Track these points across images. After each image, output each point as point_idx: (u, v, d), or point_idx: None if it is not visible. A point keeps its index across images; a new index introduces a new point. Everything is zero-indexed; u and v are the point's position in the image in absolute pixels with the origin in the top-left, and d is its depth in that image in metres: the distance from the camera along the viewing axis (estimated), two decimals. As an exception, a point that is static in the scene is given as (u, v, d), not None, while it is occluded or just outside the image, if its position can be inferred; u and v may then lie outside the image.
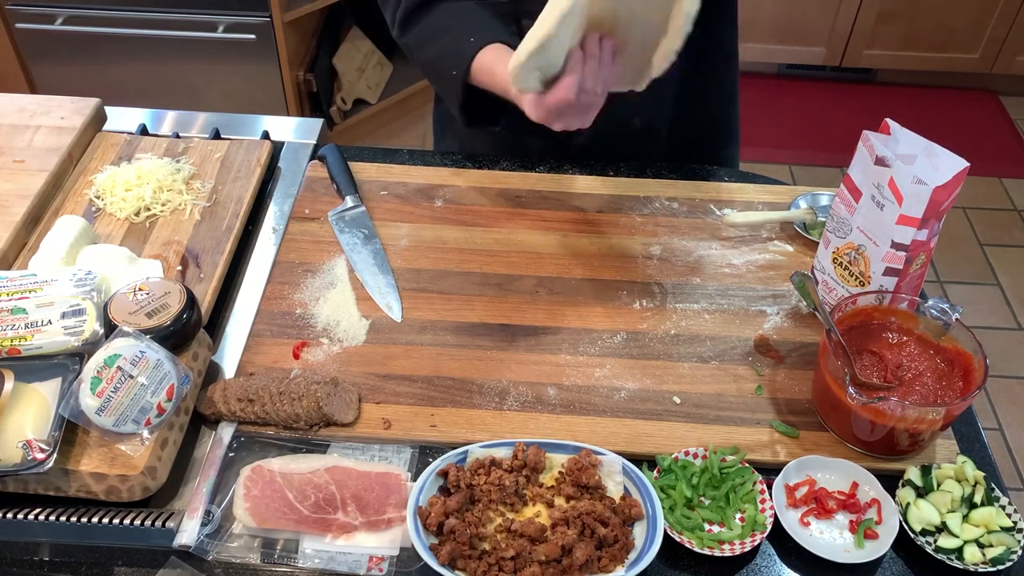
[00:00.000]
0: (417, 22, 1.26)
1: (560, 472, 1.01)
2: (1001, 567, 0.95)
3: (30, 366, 1.01)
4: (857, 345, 1.08)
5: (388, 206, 1.37)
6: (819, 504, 1.00)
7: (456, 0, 1.25)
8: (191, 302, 1.07)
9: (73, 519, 0.97)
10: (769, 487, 1.00)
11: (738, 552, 0.95)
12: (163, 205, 1.31)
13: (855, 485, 1.01)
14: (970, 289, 2.92)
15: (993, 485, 1.01)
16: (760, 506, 0.99)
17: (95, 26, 2.69)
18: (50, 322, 1.03)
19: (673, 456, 1.03)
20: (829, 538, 0.98)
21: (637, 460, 1.03)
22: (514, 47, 1.04)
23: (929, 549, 0.96)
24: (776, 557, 0.98)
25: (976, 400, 1.03)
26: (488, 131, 1.28)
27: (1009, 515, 0.98)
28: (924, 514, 0.97)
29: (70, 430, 0.98)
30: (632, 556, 0.94)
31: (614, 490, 1.00)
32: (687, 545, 0.96)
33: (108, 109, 1.50)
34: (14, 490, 0.98)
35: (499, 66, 1.12)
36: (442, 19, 1.24)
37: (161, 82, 2.84)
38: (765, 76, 3.71)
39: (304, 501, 0.97)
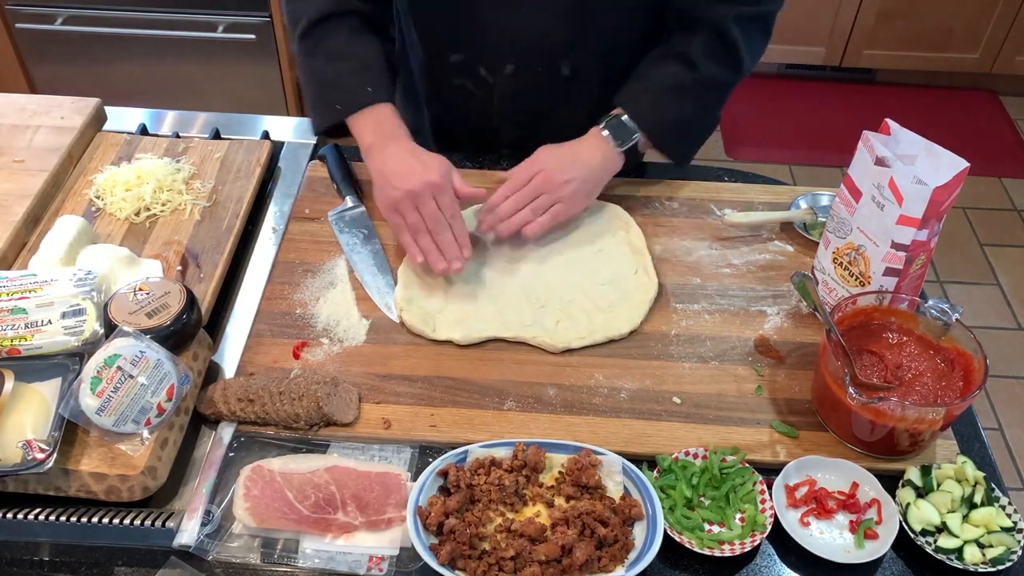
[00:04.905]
0: (318, 33, 1.28)
1: (560, 472, 1.01)
2: (1001, 567, 0.94)
3: (30, 366, 1.01)
4: (857, 345, 1.08)
5: (388, 206, 1.37)
6: (819, 504, 1.00)
7: (359, 28, 1.29)
8: (191, 302, 1.07)
9: (73, 519, 0.97)
10: (769, 487, 1.00)
11: (738, 552, 0.95)
12: (163, 205, 1.31)
13: (855, 485, 1.01)
14: (970, 289, 2.92)
15: (993, 485, 1.01)
16: (760, 506, 0.99)
17: (95, 26, 2.70)
18: (50, 322, 1.03)
19: (673, 456, 1.03)
20: (829, 538, 0.98)
21: (637, 460, 1.03)
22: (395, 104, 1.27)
23: (929, 549, 0.96)
24: (776, 557, 0.98)
25: (976, 400, 1.03)
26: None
27: (1009, 515, 0.98)
28: (924, 514, 0.97)
29: (70, 430, 0.98)
30: (632, 556, 0.94)
31: (614, 490, 1.00)
32: (687, 545, 0.96)
33: (108, 109, 1.50)
34: (14, 490, 0.98)
35: (387, 124, 1.26)
36: (344, 41, 1.28)
37: (161, 82, 2.84)
38: (765, 76, 3.71)
39: (304, 501, 0.97)
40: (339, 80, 1.27)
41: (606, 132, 1.28)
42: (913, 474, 1.01)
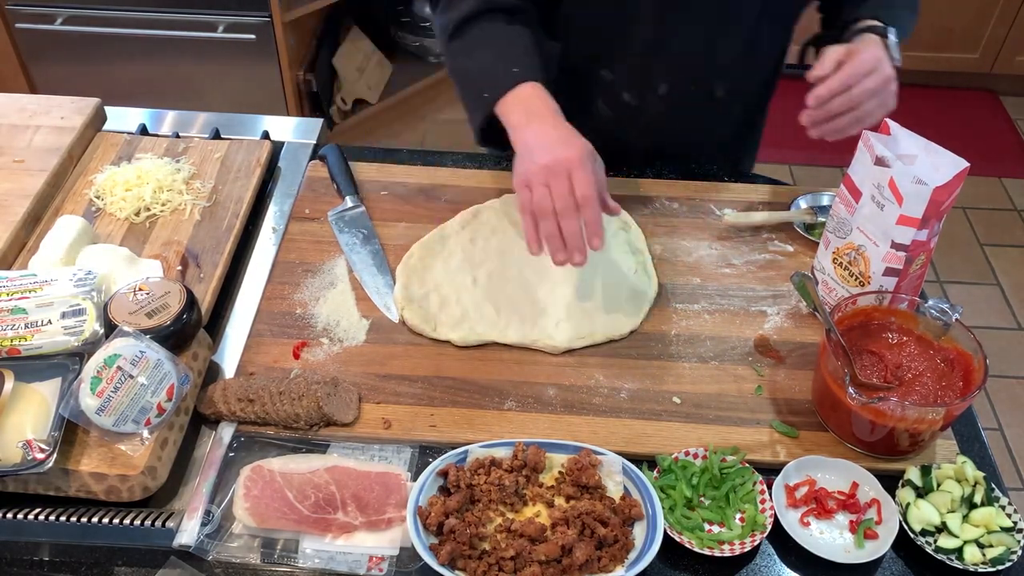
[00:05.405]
0: (465, 32, 1.24)
1: (560, 472, 1.01)
2: (1001, 567, 0.95)
3: (30, 366, 1.01)
4: (857, 345, 1.08)
5: (388, 206, 1.37)
6: (819, 504, 1.00)
7: (505, 22, 1.23)
8: (191, 302, 1.07)
9: (73, 519, 0.97)
10: (769, 487, 1.00)
11: (738, 552, 0.95)
12: (163, 205, 1.31)
13: (855, 485, 1.01)
14: (970, 289, 2.92)
15: (993, 485, 1.01)
16: (760, 506, 0.99)
17: (95, 26, 2.69)
18: (50, 322, 1.03)
19: (673, 456, 1.03)
20: (829, 538, 0.98)
21: (637, 460, 1.03)
22: (548, 85, 1.16)
23: (929, 549, 0.96)
24: (776, 557, 0.98)
25: (976, 400, 1.03)
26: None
27: (1009, 515, 0.98)
28: (924, 514, 0.97)
29: (70, 430, 0.98)
30: (632, 556, 0.94)
31: (614, 490, 1.00)
32: (687, 545, 0.96)
33: (108, 109, 1.50)
34: (14, 490, 0.98)
35: (535, 102, 1.15)
36: (490, 33, 1.23)
37: (161, 82, 2.84)
38: (765, 76, 3.71)
39: (304, 501, 0.97)
40: (484, 68, 1.20)
41: (891, 41, 1.19)
42: (913, 474, 1.01)
